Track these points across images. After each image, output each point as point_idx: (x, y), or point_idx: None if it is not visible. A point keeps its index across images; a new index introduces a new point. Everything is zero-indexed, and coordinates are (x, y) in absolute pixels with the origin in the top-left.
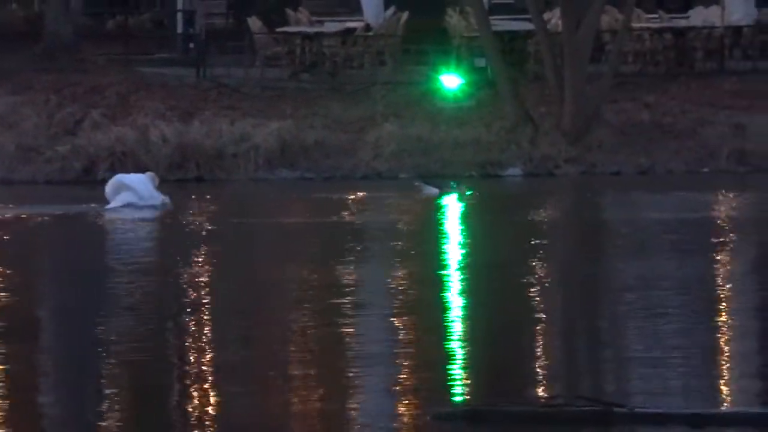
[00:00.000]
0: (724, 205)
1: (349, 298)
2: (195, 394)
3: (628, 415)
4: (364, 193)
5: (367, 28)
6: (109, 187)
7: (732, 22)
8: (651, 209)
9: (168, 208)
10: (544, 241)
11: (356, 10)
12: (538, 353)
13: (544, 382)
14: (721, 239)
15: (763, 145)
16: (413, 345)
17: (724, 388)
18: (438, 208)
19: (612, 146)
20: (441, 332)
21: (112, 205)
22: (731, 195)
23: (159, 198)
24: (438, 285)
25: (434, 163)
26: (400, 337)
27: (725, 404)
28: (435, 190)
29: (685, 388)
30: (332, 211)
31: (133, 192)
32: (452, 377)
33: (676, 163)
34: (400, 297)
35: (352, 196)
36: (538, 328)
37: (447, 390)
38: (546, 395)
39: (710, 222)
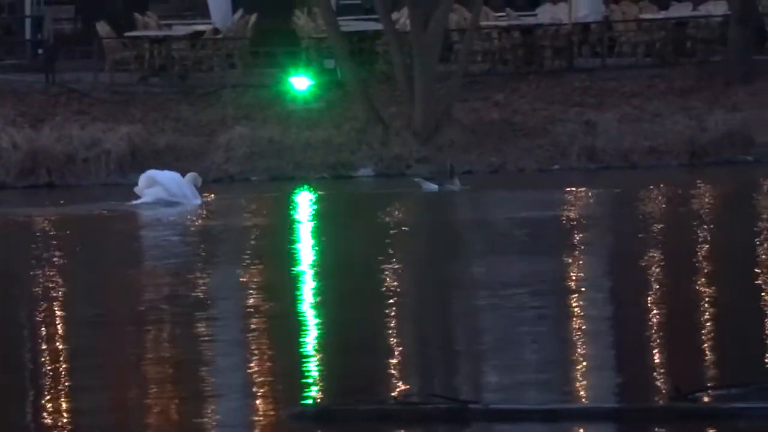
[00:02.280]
0: (575, 203)
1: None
2: None
3: (483, 412)
4: (214, 196)
5: (216, 31)
6: (141, 181)
7: (580, 18)
8: (502, 208)
9: (200, 208)
10: (395, 242)
11: (204, 13)
12: (394, 353)
13: (399, 381)
14: (571, 237)
15: (613, 142)
16: (266, 349)
17: (579, 384)
18: (288, 209)
19: (463, 145)
20: (293, 336)
21: (141, 200)
22: (581, 192)
23: (191, 198)
24: (287, 289)
25: (286, 165)
26: (251, 341)
27: (580, 399)
28: (434, 187)
29: (540, 384)
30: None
31: (163, 188)
32: (307, 379)
33: (527, 162)
34: (251, 301)
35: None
36: (392, 327)
37: (301, 391)
38: (400, 393)
39: (560, 220)
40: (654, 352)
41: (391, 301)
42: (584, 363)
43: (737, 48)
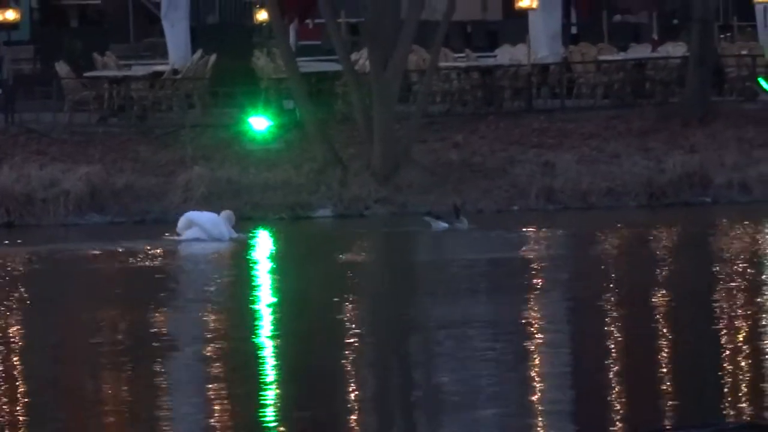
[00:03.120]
0: (533, 244)
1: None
2: None
3: None
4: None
5: (175, 71)
6: (180, 223)
7: (539, 60)
8: (461, 249)
9: (239, 243)
10: (352, 283)
11: (164, 53)
12: (355, 396)
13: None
14: (530, 278)
15: (571, 183)
16: (227, 387)
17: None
18: (243, 251)
19: (422, 186)
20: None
21: (182, 238)
22: (540, 233)
23: (227, 235)
24: (247, 327)
25: (245, 206)
26: (212, 377)
27: None
28: (444, 225)
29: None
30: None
31: (200, 228)
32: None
33: (486, 203)
34: (210, 340)
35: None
36: (349, 368)
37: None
38: None
39: (520, 261)
40: (611, 393)
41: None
42: (543, 406)
43: (695, 89)
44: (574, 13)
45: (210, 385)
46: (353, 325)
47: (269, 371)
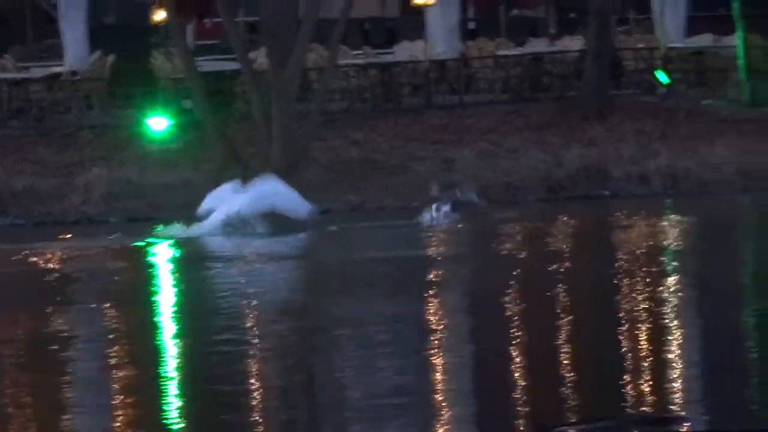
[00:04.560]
0: (436, 240)
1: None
2: None
3: None
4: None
5: (74, 72)
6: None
7: (436, 56)
8: (362, 247)
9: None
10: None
11: (62, 55)
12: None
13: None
14: (433, 275)
15: (471, 179)
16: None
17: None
18: (140, 255)
19: (322, 184)
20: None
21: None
22: (443, 230)
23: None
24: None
25: (145, 206)
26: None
27: None
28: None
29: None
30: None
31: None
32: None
33: (387, 199)
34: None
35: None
36: (259, 366)
37: None
38: None
39: (422, 258)
40: (514, 388)
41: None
42: (443, 398)
43: (593, 83)
44: (471, 9)
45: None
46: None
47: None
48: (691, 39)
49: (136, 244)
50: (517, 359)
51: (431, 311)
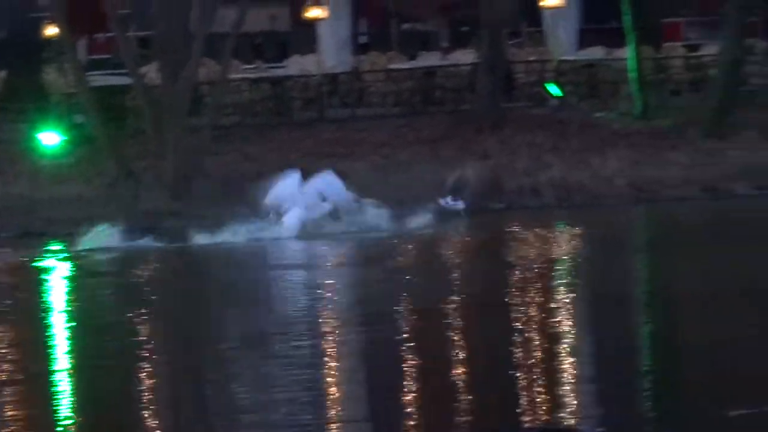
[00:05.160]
0: (316, 255)
1: None
2: None
3: None
4: None
5: None
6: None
7: (329, 69)
8: (247, 261)
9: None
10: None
11: None
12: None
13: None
14: (324, 288)
15: (364, 192)
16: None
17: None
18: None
19: (215, 198)
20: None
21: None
22: (323, 244)
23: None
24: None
25: (38, 221)
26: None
27: None
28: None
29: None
30: None
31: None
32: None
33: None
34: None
35: None
36: (150, 379)
37: None
38: None
39: (316, 270)
40: (403, 402)
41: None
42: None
43: (486, 96)
44: (363, 22)
45: None
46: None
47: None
48: (583, 52)
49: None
50: (415, 370)
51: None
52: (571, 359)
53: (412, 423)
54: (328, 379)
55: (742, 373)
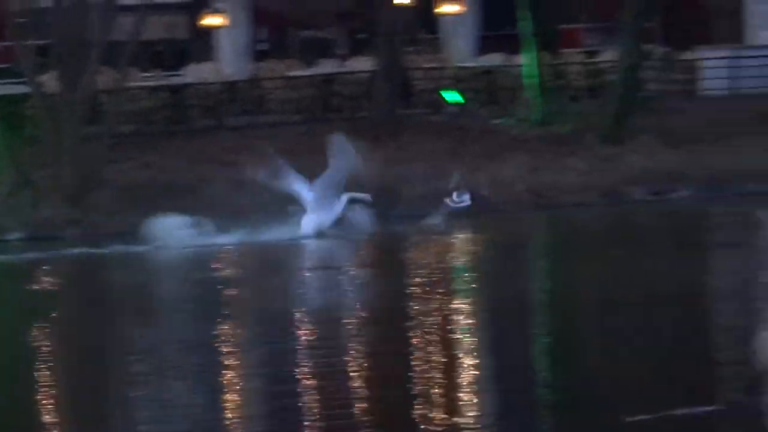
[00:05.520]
0: (230, 264)
1: None
2: None
3: None
4: None
5: None
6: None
7: (227, 77)
8: (149, 270)
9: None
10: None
11: None
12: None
13: None
14: (230, 298)
15: (261, 199)
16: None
17: None
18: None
19: (114, 206)
20: None
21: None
22: (236, 250)
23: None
24: None
25: None
26: None
27: None
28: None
29: None
30: None
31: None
32: None
33: (178, 220)
34: None
35: None
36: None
37: None
38: None
39: (221, 280)
40: (285, 409)
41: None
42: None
43: (384, 103)
44: (261, 30)
45: None
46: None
47: None
48: (481, 58)
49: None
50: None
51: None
52: (467, 367)
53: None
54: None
55: (639, 378)
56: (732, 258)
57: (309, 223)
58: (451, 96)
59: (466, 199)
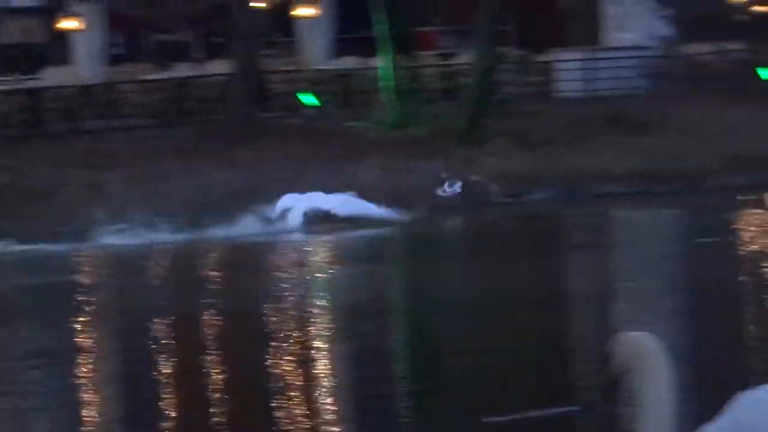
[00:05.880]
0: (83, 267)
1: None
2: None
3: None
4: None
5: None
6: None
7: (83, 81)
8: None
9: None
10: None
11: None
12: None
13: None
14: (84, 304)
15: (117, 204)
16: None
17: None
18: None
19: None
20: None
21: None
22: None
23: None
24: None
25: None
26: None
27: None
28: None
29: None
30: None
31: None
32: None
33: (37, 226)
34: None
35: None
36: None
37: None
38: None
39: (73, 285)
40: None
41: None
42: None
43: (240, 106)
44: (117, 34)
45: None
46: None
47: None
48: (337, 61)
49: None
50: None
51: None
52: (324, 368)
53: None
54: None
55: (495, 380)
56: (587, 259)
57: (295, 216)
58: (308, 99)
59: (457, 188)
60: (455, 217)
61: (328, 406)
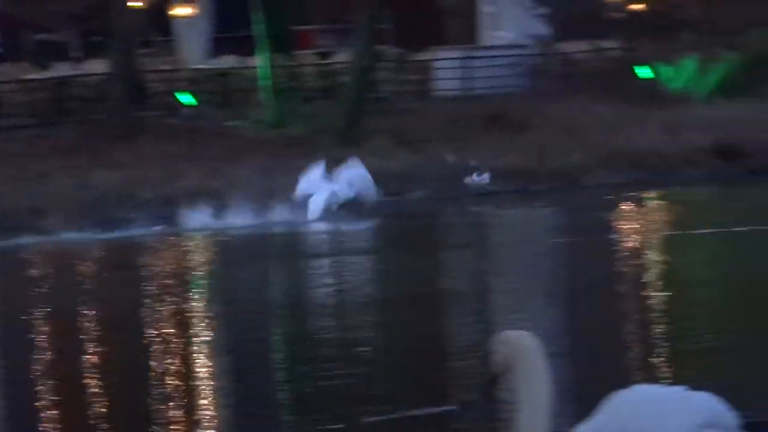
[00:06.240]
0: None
1: None
2: None
3: None
4: None
5: None
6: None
7: None
8: None
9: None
10: None
11: None
12: None
13: None
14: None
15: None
16: None
17: None
18: None
19: None
20: None
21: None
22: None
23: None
24: None
25: None
26: None
27: None
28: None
29: None
30: None
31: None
32: None
33: None
34: None
35: None
36: None
37: None
38: None
39: None
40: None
41: None
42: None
43: (118, 106)
44: None
45: None
46: None
47: None
48: (215, 60)
49: None
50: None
51: None
52: (202, 369)
53: None
54: None
55: (377, 380)
56: (465, 258)
57: (316, 204)
58: (186, 98)
59: (486, 178)
60: (337, 218)
61: (198, 403)
